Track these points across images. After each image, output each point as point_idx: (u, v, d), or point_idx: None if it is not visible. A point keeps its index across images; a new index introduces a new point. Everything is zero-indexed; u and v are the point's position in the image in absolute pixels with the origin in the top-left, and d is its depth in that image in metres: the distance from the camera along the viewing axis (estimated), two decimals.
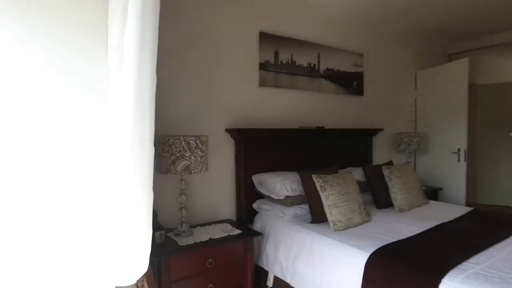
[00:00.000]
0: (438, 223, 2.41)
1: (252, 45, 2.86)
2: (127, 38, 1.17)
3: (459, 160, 3.94)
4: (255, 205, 2.78)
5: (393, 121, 4.19)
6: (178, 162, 2.06)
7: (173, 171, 2.07)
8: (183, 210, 2.23)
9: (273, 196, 2.59)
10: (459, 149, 3.94)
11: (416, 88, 4.52)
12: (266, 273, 2.53)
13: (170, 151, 2.06)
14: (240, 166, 2.73)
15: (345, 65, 3.53)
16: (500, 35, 4.56)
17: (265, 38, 2.89)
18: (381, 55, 4.05)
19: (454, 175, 4.02)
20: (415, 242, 2.04)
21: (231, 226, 2.41)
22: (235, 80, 2.78)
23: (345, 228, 2.30)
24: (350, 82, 3.61)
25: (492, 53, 5.70)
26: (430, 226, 2.33)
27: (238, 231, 2.31)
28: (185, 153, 2.07)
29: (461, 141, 3.94)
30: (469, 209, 2.86)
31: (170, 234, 2.20)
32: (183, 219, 2.24)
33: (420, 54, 4.60)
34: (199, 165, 2.13)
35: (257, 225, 2.67)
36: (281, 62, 2.99)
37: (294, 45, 3.09)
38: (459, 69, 3.95)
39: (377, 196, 2.93)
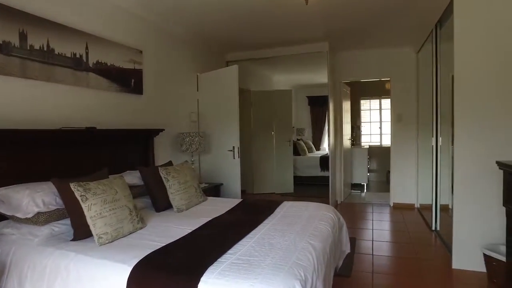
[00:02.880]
0: (209, 219, 2.50)
1: None
2: None
3: (234, 157, 4.35)
4: None
5: (176, 122, 4.21)
6: None
7: None
8: None
9: (19, 215, 2.03)
10: (233, 147, 4.35)
11: (198, 90, 4.71)
12: None
13: None
14: None
15: (120, 61, 3.23)
16: (268, 50, 5.38)
17: (2, 11, 2.24)
18: (162, 55, 3.98)
19: (231, 171, 4.41)
20: (183, 243, 2.00)
21: None
22: None
23: (113, 240, 2.04)
24: (127, 79, 3.34)
25: (263, 65, 6.72)
26: (202, 224, 2.38)
27: None
28: None
29: (234, 140, 4.35)
30: (238, 200, 3.14)
31: None
32: None
33: (202, 58, 4.84)
34: None
35: None
36: (31, 46, 2.41)
37: (52, 29, 2.55)
38: (231, 74, 4.35)
39: (156, 199, 2.81)
